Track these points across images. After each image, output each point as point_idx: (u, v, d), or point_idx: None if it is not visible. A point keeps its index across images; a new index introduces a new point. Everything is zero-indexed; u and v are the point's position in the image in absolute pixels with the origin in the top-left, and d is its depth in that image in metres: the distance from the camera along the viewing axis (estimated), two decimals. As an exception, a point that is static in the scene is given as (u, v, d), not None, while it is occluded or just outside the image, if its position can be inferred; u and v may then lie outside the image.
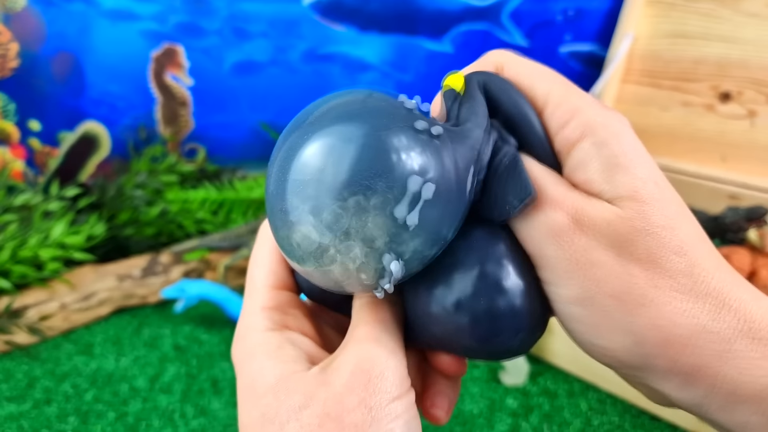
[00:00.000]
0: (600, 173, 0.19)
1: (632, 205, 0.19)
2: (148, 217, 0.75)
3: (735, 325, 0.18)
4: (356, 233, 0.18)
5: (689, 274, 0.19)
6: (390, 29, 0.78)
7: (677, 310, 0.18)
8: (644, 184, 0.19)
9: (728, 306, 0.18)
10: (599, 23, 0.75)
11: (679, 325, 0.18)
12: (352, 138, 0.18)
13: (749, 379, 0.18)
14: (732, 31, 0.63)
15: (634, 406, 0.56)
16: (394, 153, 0.18)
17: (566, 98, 0.21)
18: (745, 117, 0.64)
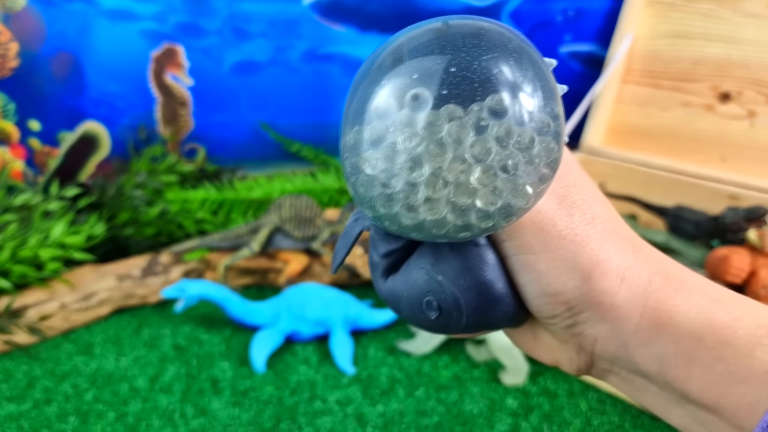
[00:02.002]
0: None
1: (569, 158, 0.22)
2: (148, 217, 0.75)
3: (652, 266, 0.21)
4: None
5: (613, 221, 0.22)
6: (390, 29, 0.78)
7: (612, 247, 0.21)
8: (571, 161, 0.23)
9: (642, 250, 0.22)
10: (599, 23, 0.75)
11: (614, 261, 0.21)
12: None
13: (666, 310, 0.20)
14: (732, 31, 0.63)
15: (634, 406, 0.56)
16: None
17: None
18: (745, 117, 0.64)
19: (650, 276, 0.21)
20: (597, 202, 0.22)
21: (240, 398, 0.55)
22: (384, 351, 0.63)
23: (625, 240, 0.21)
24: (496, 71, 0.17)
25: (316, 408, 0.55)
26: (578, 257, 0.20)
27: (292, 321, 0.62)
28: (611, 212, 0.22)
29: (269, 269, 0.74)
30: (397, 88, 0.17)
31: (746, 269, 0.55)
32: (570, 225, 0.21)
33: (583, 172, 0.23)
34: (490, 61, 0.17)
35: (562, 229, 0.21)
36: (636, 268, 0.21)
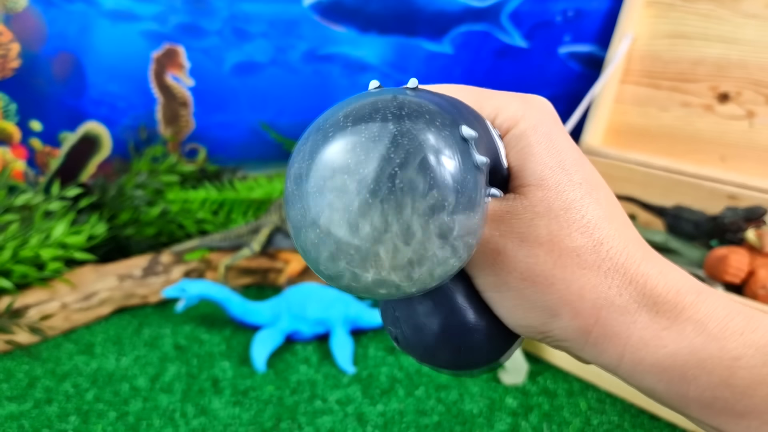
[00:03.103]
0: (517, 162, 0.21)
1: (536, 192, 0.20)
2: (148, 217, 0.75)
3: (639, 299, 0.20)
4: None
5: (595, 252, 0.20)
6: (390, 30, 0.78)
7: (585, 285, 0.20)
8: (551, 171, 0.20)
9: (634, 281, 0.20)
10: (598, 24, 0.75)
11: (587, 299, 0.20)
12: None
13: (652, 350, 0.19)
14: (731, 31, 0.63)
15: (634, 405, 0.56)
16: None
17: (484, 104, 0.22)
18: (744, 117, 0.64)
19: (635, 313, 0.19)
20: (575, 227, 0.20)
21: (240, 398, 0.56)
22: (384, 350, 0.63)
23: (609, 272, 0.20)
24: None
25: (316, 407, 0.55)
26: (543, 297, 0.20)
27: (292, 321, 0.62)
28: (597, 237, 0.20)
29: (270, 269, 0.74)
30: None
31: (745, 269, 0.55)
32: (532, 265, 0.20)
33: (570, 182, 0.21)
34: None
35: (524, 270, 0.20)
36: (617, 305, 0.20)
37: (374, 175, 0.16)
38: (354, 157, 0.17)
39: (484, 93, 0.22)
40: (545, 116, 0.22)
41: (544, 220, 0.20)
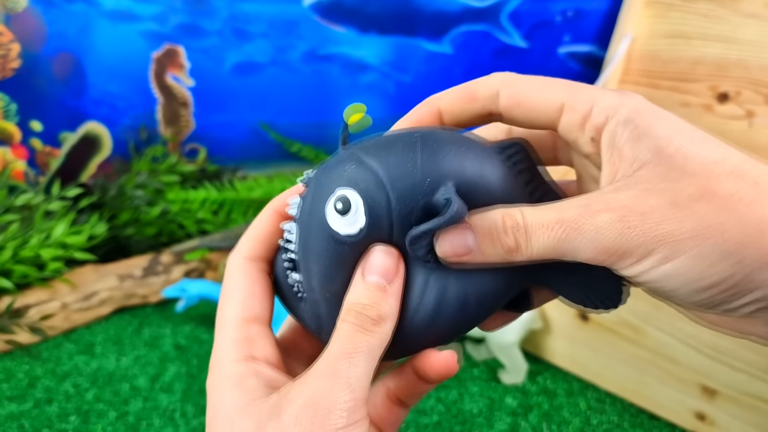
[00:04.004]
0: (629, 146, 0.21)
1: (663, 163, 0.20)
2: (148, 217, 0.75)
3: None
4: None
5: (756, 187, 0.19)
6: (390, 30, 0.78)
7: (761, 219, 0.19)
8: (668, 141, 0.20)
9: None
10: (598, 24, 0.75)
11: (765, 230, 0.19)
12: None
13: None
14: (730, 31, 0.63)
15: (633, 405, 0.56)
16: None
17: (577, 96, 0.22)
18: (744, 117, 0.64)
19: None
20: (721, 176, 0.20)
21: (240, 397, 0.56)
22: (384, 350, 0.63)
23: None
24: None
25: (316, 407, 0.55)
26: (722, 246, 0.19)
27: (292, 320, 0.62)
28: (751, 177, 0.20)
29: (269, 269, 0.74)
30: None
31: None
32: (698, 220, 0.19)
33: (693, 142, 0.20)
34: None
35: (691, 228, 0.19)
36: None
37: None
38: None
39: (579, 86, 0.23)
40: (641, 101, 0.22)
41: (685, 180, 0.20)
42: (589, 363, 0.58)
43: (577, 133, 0.23)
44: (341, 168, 0.24)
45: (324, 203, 0.23)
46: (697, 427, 0.52)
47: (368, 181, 0.23)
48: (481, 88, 0.24)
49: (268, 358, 0.24)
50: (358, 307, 0.23)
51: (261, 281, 0.26)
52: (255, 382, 0.23)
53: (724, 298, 0.20)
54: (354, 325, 0.22)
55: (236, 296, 0.25)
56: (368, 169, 0.23)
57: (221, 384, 0.23)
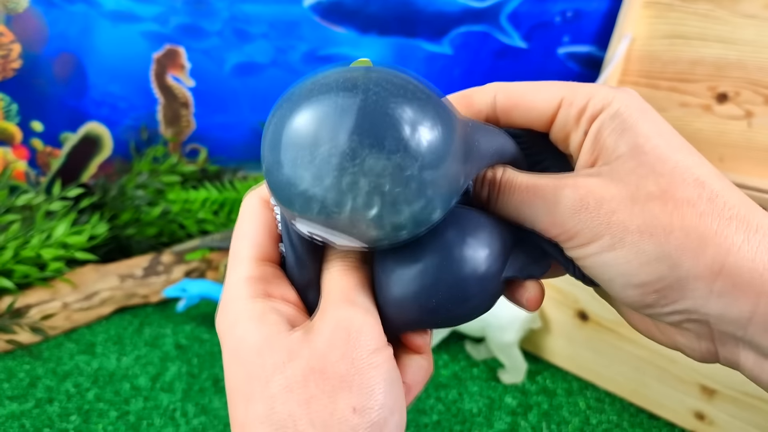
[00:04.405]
0: (611, 138, 0.22)
1: (636, 158, 0.21)
2: (149, 217, 0.75)
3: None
4: (372, 188, 0.18)
5: (711, 202, 0.20)
6: (390, 31, 0.78)
7: (706, 230, 0.19)
8: (647, 139, 0.21)
9: (761, 229, 0.19)
10: (597, 25, 0.75)
11: (710, 244, 0.19)
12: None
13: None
14: (729, 32, 0.64)
15: (633, 404, 0.56)
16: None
17: (576, 91, 0.23)
18: (743, 117, 0.65)
19: (767, 259, 0.19)
20: (686, 182, 0.20)
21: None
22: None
23: (732, 220, 0.19)
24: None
25: (316, 406, 0.55)
26: (662, 248, 0.19)
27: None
28: (712, 189, 0.20)
29: (270, 269, 0.74)
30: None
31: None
32: (648, 218, 0.20)
33: (669, 146, 0.21)
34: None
35: (640, 224, 0.20)
36: (745, 251, 0.19)
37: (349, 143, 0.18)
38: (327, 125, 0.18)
39: (576, 83, 0.23)
40: (636, 98, 0.22)
41: (650, 178, 0.20)
42: (589, 362, 0.58)
43: (572, 127, 0.23)
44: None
45: None
46: (696, 426, 0.52)
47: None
48: (476, 94, 0.25)
49: (286, 297, 0.24)
50: (342, 254, 0.24)
51: (275, 225, 0.26)
52: (276, 317, 0.22)
53: (654, 299, 0.21)
54: (347, 263, 0.24)
55: (251, 235, 0.25)
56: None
57: (240, 320, 0.22)
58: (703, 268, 0.19)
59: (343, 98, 0.18)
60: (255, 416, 0.20)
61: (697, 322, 0.20)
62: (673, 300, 0.20)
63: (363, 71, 0.19)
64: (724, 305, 0.19)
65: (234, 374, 0.21)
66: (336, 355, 0.20)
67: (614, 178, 0.21)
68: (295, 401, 0.20)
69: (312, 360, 0.20)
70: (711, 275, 0.19)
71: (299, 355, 0.20)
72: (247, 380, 0.21)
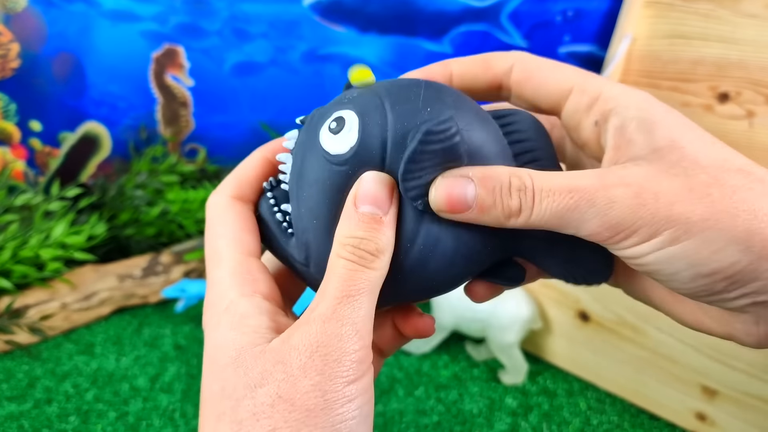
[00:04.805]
0: (640, 132, 0.21)
1: (677, 152, 0.20)
2: (148, 217, 0.75)
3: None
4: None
5: (764, 184, 0.20)
6: (390, 30, 0.78)
7: (766, 209, 0.19)
8: (681, 133, 0.21)
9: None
10: (598, 24, 0.75)
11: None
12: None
13: None
14: (731, 31, 0.63)
15: (633, 405, 0.56)
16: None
17: (588, 81, 0.23)
18: (744, 117, 0.64)
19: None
20: (731, 171, 0.20)
21: (240, 397, 0.56)
22: (384, 350, 0.63)
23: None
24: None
25: (316, 407, 0.55)
26: (731, 232, 0.19)
27: (292, 321, 0.62)
28: (758, 175, 0.20)
29: (269, 269, 0.74)
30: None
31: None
32: (710, 206, 0.19)
33: (703, 140, 0.21)
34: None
35: (703, 212, 0.19)
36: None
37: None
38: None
39: (589, 73, 0.23)
40: (650, 96, 0.22)
41: (697, 169, 0.20)
42: (589, 363, 0.58)
43: (582, 115, 0.23)
44: (342, 96, 0.23)
45: (320, 127, 0.22)
46: (697, 427, 0.52)
47: (368, 103, 0.21)
48: (496, 59, 0.25)
49: (268, 294, 0.23)
50: (353, 241, 0.21)
51: (251, 218, 0.25)
52: (257, 322, 0.21)
53: (723, 286, 0.20)
54: (351, 261, 0.21)
55: (228, 232, 0.24)
56: (371, 92, 0.22)
57: (221, 323, 0.22)
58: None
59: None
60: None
61: (762, 304, 0.20)
62: (744, 283, 0.20)
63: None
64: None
65: (209, 385, 0.21)
66: (307, 384, 0.19)
67: (662, 170, 0.20)
68: (259, 430, 0.19)
69: (282, 386, 0.19)
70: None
71: (272, 378, 0.19)
72: (220, 396, 0.20)
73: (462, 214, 0.21)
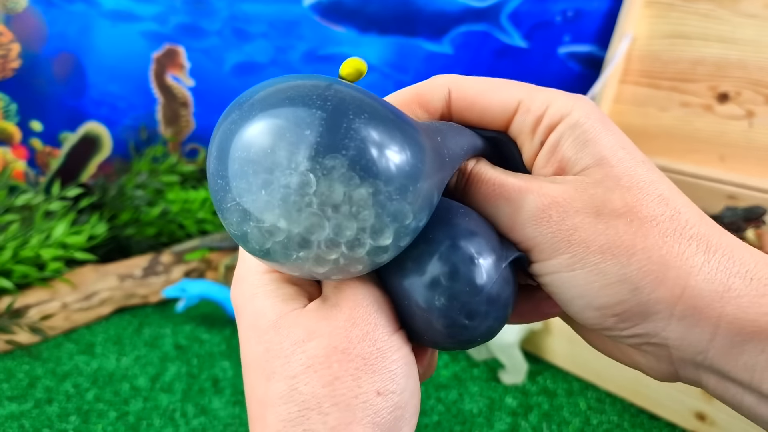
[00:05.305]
0: (572, 149, 0.21)
1: (603, 169, 0.20)
2: (149, 217, 0.75)
3: (729, 267, 0.19)
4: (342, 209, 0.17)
5: (674, 220, 0.19)
6: (390, 30, 0.78)
7: (668, 253, 0.19)
8: (612, 151, 0.20)
9: (720, 249, 0.19)
10: (598, 24, 0.75)
11: (672, 267, 0.19)
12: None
13: (754, 317, 0.18)
14: (730, 31, 0.63)
15: (633, 404, 0.56)
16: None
17: (533, 97, 0.22)
18: (744, 117, 0.64)
19: (726, 281, 0.18)
20: (650, 197, 0.20)
21: (240, 397, 0.56)
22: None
23: (693, 240, 0.19)
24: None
25: (316, 407, 0.55)
26: (624, 269, 0.19)
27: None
28: (674, 206, 0.20)
29: (270, 269, 0.74)
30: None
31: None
32: (611, 237, 0.19)
33: (633, 159, 0.21)
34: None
35: (603, 243, 0.19)
36: (705, 273, 0.18)
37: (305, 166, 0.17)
38: (284, 143, 0.17)
39: (534, 87, 0.22)
40: (595, 108, 0.22)
41: (617, 192, 0.20)
42: (589, 363, 0.58)
43: (527, 136, 0.22)
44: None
45: None
46: (697, 426, 0.52)
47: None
48: (428, 92, 0.23)
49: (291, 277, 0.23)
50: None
51: None
52: (290, 290, 0.21)
53: (613, 323, 0.20)
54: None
55: None
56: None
57: (257, 294, 0.22)
58: (664, 292, 0.19)
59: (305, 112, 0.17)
60: (276, 395, 0.19)
61: (656, 345, 0.20)
62: (634, 323, 0.20)
63: (326, 85, 0.18)
64: (684, 329, 0.19)
65: (252, 350, 0.21)
66: (358, 334, 0.20)
67: (579, 190, 0.20)
68: (318, 381, 0.19)
69: (334, 338, 0.19)
70: (672, 299, 0.19)
71: (320, 332, 0.20)
72: (266, 357, 0.20)
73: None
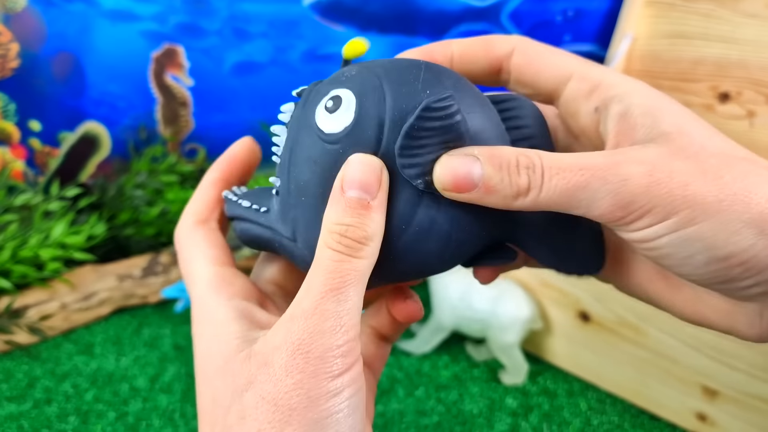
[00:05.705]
0: (646, 118, 0.21)
1: (683, 137, 0.20)
2: (148, 217, 0.75)
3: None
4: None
5: (767, 168, 0.20)
6: (390, 29, 0.78)
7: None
8: (686, 121, 0.21)
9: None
10: (598, 24, 0.75)
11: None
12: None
13: None
14: (731, 31, 0.63)
15: (634, 405, 0.56)
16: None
17: (589, 68, 0.23)
18: (744, 117, 0.64)
19: None
20: (742, 159, 0.20)
21: (240, 398, 0.55)
22: (384, 351, 0.63)
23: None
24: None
25: (316, 407, 0.55)
26: (746, 215, 0.19)
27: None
28: (762, 163, 0.20)
29: (269, 269, 0.74)
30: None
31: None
32: (724, 186, 0.19)
33: (708, 129, 0.21)
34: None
35: (717, 192, 0.19)
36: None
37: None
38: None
39: (589, 62, 0.24)
40: (650, 87, 0.23)
41: (707, 153, 0.20)
42: (590, 363, 0.58)
43: (581, 102, 0.23)
44: (340, 73, 0.23)
45: (316, 104, 0.22)
46: (698, 427, 0.52)
47: (366, 83, 0.21)
48: (498, 41, 0.25)
49: (247, 294, 0.24)
50: (340, 228, 0.20)
51: (215, 235, 0.26)
52: (237, 327, 0.22)
53: (738, 273, 0.19)
54: (338, 252, 0.20)
55: (197, 251, 0.25)
56: (369, 72, 0.22)
57: (204, 334, 0.22)
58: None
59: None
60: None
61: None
62: (758, 270, 0.19)
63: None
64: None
65: (203, 395, 0.21)
66: (289, 383, 0.19)
67: (673, 152, 0.20)
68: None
69: (265, 388, 0.19)
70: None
71: (256, 381, 0.20)
72: (212, 406, 0.21)
73: (467, 194, 0.20)
